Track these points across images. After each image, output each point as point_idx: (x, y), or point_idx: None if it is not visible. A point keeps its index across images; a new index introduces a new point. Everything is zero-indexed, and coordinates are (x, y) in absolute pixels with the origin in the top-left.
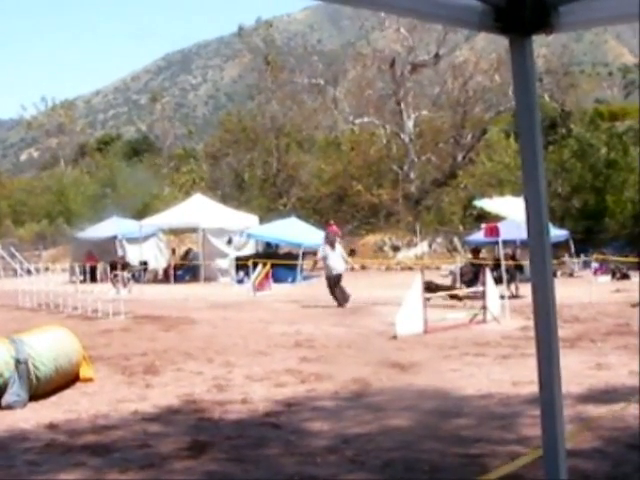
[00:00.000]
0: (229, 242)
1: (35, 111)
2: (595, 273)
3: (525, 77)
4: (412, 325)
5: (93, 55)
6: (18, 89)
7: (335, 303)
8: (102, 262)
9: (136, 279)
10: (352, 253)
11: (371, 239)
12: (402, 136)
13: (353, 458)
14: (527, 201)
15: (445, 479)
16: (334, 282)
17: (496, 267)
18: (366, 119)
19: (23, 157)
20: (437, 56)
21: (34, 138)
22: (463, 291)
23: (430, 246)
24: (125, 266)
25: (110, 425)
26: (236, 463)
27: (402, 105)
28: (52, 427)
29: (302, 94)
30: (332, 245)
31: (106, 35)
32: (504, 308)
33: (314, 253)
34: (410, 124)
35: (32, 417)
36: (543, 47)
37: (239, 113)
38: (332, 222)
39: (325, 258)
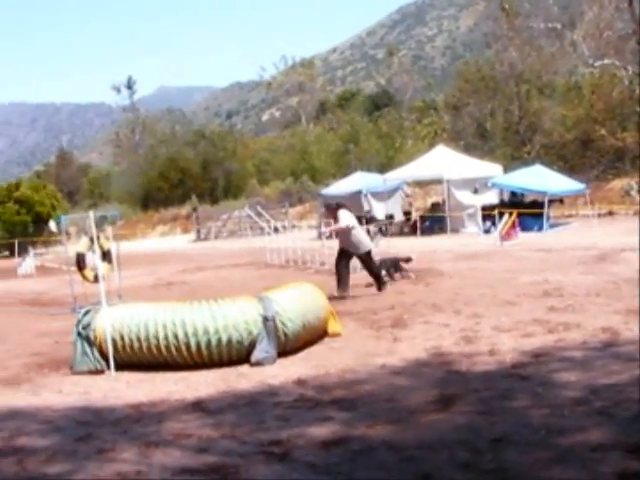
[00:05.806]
0: (474, 192)
1: (274, 71)
2: None
3: None
4: None
5: (327, 12)
6: (256, 51)
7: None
8: None
9: (382, 232)
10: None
11: (617, 184)
12: None
13: (601, 410)
14: None
15: None
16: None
17: None
18: (606, 61)
19: (265, 117)
20: None
21: (275, 98)
22: None
23: None
24: (370, 220)
25: (358, 379)
26: (483, 416)
27: None
28: (300, 382)
29: (539, 39)
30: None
31: None
32: None
33: (560, 200)
34: None
35: (281, 373)
36: None
37: (477, 62)
38: None
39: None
